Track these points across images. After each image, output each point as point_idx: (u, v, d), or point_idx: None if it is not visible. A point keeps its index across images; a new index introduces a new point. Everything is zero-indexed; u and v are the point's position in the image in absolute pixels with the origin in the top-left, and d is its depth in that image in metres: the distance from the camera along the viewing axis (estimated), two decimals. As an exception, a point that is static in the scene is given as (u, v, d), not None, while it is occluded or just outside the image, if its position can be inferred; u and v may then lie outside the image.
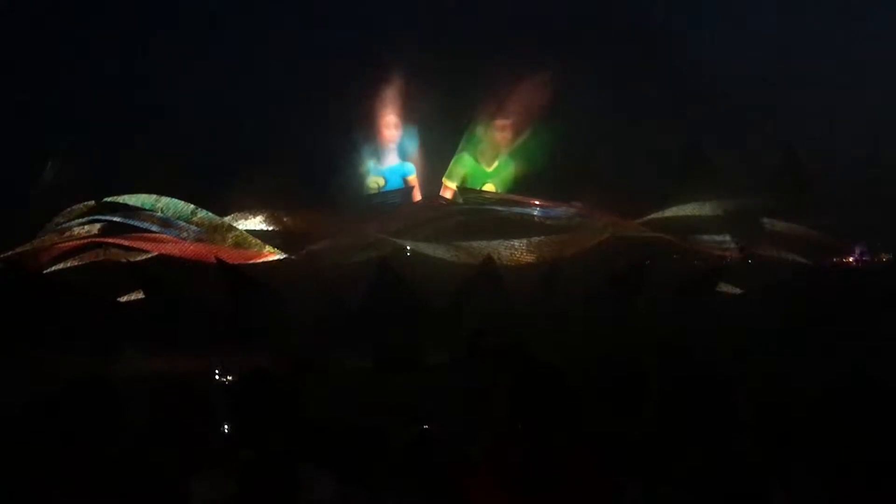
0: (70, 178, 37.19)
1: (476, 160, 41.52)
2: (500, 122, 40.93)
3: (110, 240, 35.25)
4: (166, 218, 35.64)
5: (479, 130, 41.46)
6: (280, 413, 5.61)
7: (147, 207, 35.99)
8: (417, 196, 41.81)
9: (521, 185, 40.71)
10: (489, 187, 41.29)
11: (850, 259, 37.95)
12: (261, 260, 36.40)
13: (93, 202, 36.22)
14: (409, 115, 42.78)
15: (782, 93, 42.71)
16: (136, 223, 35.50)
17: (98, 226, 35.99)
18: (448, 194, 40.79)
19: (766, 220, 36.89)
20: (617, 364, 7.03)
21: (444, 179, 41.59)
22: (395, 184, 42.73)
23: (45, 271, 34.41)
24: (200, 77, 44.44)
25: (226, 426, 6.38)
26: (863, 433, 5.34)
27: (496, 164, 41.67)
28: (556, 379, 5.94)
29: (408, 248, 38.31)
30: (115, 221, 35.81)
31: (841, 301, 28.43)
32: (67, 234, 35.93)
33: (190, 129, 39.94)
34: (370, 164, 43.05)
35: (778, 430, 6.10)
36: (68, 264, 35.28)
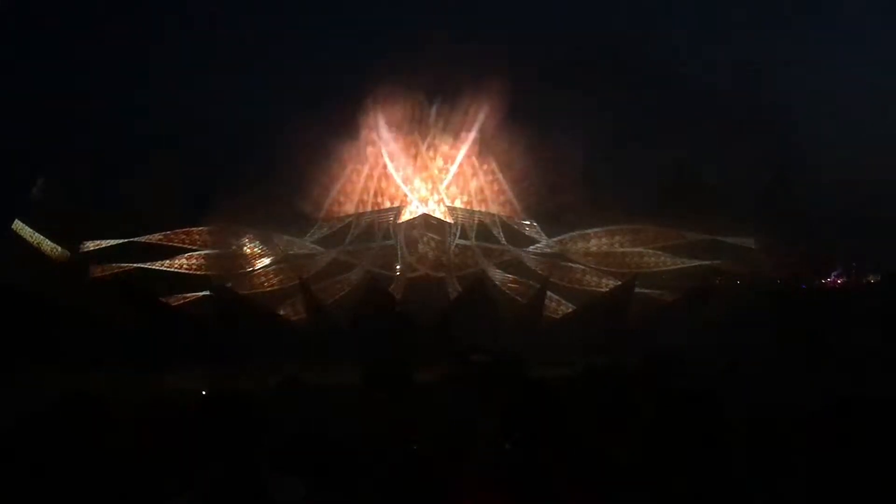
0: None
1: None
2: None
3: None
4: None
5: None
6: (258, 429, 5.64)
7: None
8: (406, 214, 41.81)
9: (509, 201, 40.93)
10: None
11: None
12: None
13: None
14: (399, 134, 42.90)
15: (776, 110, 42.86)
16: None
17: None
18: (431, 207, 40.73)
19: (754, 240, 37.17)
20: (608, 380, 7.06)
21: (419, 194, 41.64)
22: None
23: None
24: (200, 93, 44.59)
25: (205, 441, 6.38)
26: (854, 448, 5.38)
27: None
28: (547, 395, 5.97)
29: (398, 266, 38.35)
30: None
31: (828, 320, 28.71)
32: None
33: (188, 145, 40.08)
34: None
35: (769, 447, 6.13)
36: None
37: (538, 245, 38.96)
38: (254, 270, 37.50)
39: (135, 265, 35.74)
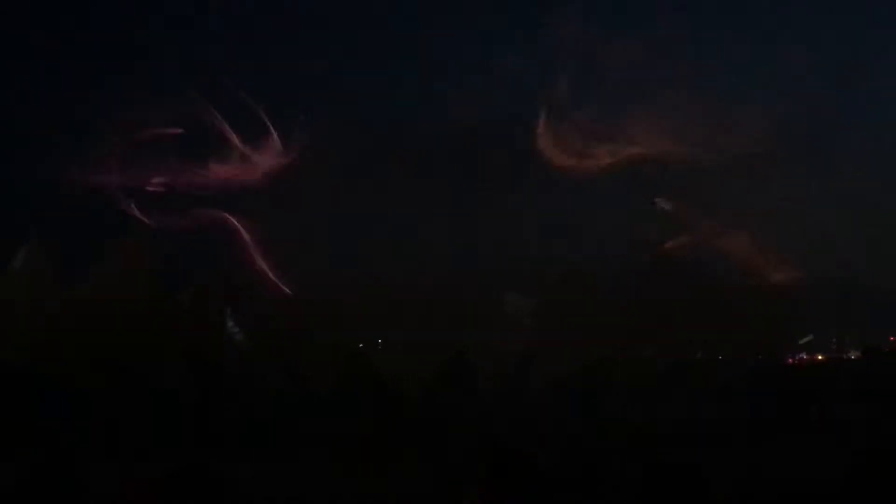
0: None
1: None
2: None
3: None
4: None
5: None
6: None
7: None
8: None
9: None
10: None
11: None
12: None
13: None
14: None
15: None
16: None
17: None
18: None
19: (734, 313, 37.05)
20: (588, 454, 7.05)
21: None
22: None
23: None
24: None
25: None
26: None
27: None
28: (527, 469, 5.95)
29: (379, 340, 37.84)
30: None
31: (808, 394, 28.80)
32: None
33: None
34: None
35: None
36: None
37: None
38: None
39: None
